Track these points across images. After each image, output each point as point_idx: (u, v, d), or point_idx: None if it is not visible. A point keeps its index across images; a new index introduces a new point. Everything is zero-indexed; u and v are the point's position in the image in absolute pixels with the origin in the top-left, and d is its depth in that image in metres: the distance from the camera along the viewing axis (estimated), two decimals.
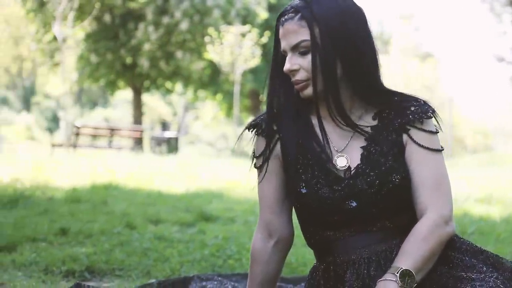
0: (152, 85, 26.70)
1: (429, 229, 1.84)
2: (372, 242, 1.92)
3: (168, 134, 23.97)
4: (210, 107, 39.78)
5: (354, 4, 1.93)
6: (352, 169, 1.92)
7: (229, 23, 23.00)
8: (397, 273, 1.75)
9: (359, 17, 1.91)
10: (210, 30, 21.21)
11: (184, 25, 23.66)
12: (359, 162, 1.93)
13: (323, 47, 1.85)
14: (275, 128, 2.02)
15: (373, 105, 1.97)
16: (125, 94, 38.17)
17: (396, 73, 39.51)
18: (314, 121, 1.99)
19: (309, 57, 1.87)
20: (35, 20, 26.04)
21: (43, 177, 8.12)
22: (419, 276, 1.78)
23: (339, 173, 1.93)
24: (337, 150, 1.96)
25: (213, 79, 25.89)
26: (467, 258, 1.89)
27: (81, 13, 24.70)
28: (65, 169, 9.34)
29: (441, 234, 1.85)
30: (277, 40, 1.96)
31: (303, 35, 1.86)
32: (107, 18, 24.55)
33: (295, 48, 1.88)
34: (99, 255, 3.67)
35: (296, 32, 1.87)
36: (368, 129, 1.95)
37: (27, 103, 49.03)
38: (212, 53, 20.13)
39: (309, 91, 1.90)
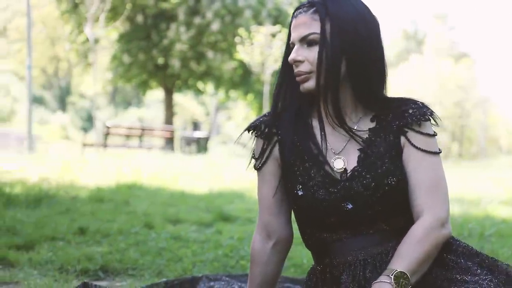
0: (184, 86, 26.85)
1: (425, 232, 1.84)
2: (368, 244, 1.92)
3: (198, 134, 24.07)
4: (242, 107, 39.87)
5: (371, 13, 1.94)
6: (348, 172, 1.93)
7: (260, 23, 23.01)
8: (392, 275, 1.76)
9: (372, 26, 1.92)
10: (240, 31, 21.24)
11: (215, 26, 23.75)
12: (355, 164, 1.93)
13: (332, 44, 1.87)
14: (274, 130, 2.04)
15: (371, 110, 1.97)
16: (158, 94, 38.43)
17: (429, 73, 39.20)
18: (314, 123, 2.01)
19: (315, 50, 1.89)
20: (70, 21, 26.40)
21: (70, 176, 8.22)
22: (414, 278, 1.79)
23: (336, 175, 1.93)
24: (334, 152, 1.96)
25: (244, 79, 25.93)
26: (462, 261, 1.88)
27: (114, 14, 24.94)
28: (92, 169, 9.45)
29: (437, 237, 1.85)
30: (289, 34, 1.98)
31: (314, 28, 1.88)
32: (139, 18, 24.75)
33: (303, 39, 1.90)
34: (114, 254, 3.71)
35: (307, 24, 1.90)
36: (366, 132, 1.95)
37: (62, 103, 49.64)
38: (242, 53, 20.14)
39: (309, 84, 1.91)
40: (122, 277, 3.38)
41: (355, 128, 1.95)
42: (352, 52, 1.88)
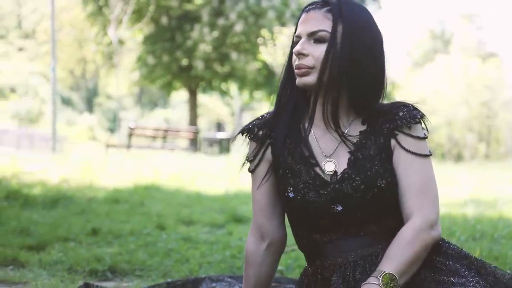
0: (207, 87, 26.94)
1: (414, 234, 1.85)
2: (359, 246, 1.94)
3: (220, 135, 24.10)
4: (267, 108, 39.76)
5: (377, 26, 1.97)
6: (338, 174, 1.94)
7: (284, 24, 22.99)
8: (380, 276, 1.77)
9: (378, 37, 1.96)
10: (263, 31, 21.25)
11: (239, 27, 23.79)
12: (345, 167, 1.95)
13: (341, 45, 1.89)
14: (266, 133, 2.07)
15: (363, 116, 1.99)
16: (184, 95, 38.60)
17: (456, 73, 38.92)
18: (306, 125, 2.03)
19: (322, 47, 1.90)
20: (95, 23, 26.66)
21: (91, 177, 8.30)
22: (402, 280, 1.80)
23: (326, 178, 1.95)
24: (325, 155, 1.98)
25: (268, 80, 25.94)
26: (451, 263, 1.90)
27: (139, 16, 25.12)
28: (113, 170, 9.52)
29: (426, 239, 1.86)
30: (296, 29, 2.00)
31: (325, 25, 1.90)
32: (164, 20, 24.89)
33: (312, 34, 1.92)
34: (123, 255, 3.74)
35: (319, 20, 1.92)
36: (357, 135, 1.97)
37: (89, 104, 50.07)
38: (265, 54, 20.15)
39: (308, 79, 1.93)
40: (130, 277, 3.40)
41: (346, 132, 1.97)
42: (356, 58, 1.90)
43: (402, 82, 39.86)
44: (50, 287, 3.03)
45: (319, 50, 1.90)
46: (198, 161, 12.69)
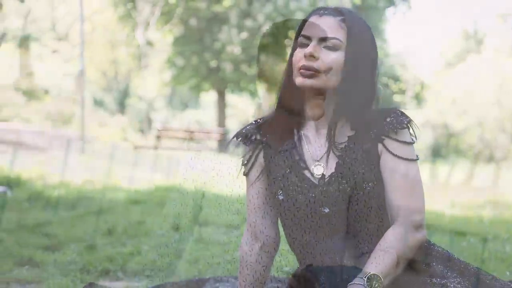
0: (236, 88, 26.99)
1: (399, 236, 1.90)
2: (345, 247, 1.98)
3: None
4: None
5: (374, 39, 2.03)
6: (326, 177, 1.99)
7: None
8: (365, 277, 1.82)
9: (376, 50, 2.03)
10: (291, 33, 21.23)
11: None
12: (333, 170, 1.99)
13: (353, 57, 1.95)
14: (259, 137, 2.12)
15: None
16: (214, 96, 38.69)
17: (489, 73, 38.44)
18: (297, 129, 2.08)
19: (332, 54, 1.94)
20: (126, 25, 26.89)
21: (114, 178, 8.40)
22: (386, 281, 1.84)
23: (315, 181, 2.00)
24: (315, 159, 2.03)
25: None
26: (434, 264, 1.94)
27: (168, 18, 25.27)
28: (137, 171, 9.61)
29: (411, 241, 1.90)
30: (300, 28, 2.05)
31: (339, 35, 1.95)
32: (192, 22, 24.99)
33: (324, 40, 1.96)
34: (136, 255, 3.81)
35: (333, 28, 1.96)
36: (345, 141, 2.01)
37: (121, 105, 50.33)
38: None
39: (313, 82, 1.96)
40: (140, 278, 3.47)
41: (335, 136, 2.01)
42: (362, 71, 1.97)
43: (433, 83, 39.46)
44: (60, 286, 3.10)
45: (330, 57, 1.94)
46: (221, 161, 12.71)
